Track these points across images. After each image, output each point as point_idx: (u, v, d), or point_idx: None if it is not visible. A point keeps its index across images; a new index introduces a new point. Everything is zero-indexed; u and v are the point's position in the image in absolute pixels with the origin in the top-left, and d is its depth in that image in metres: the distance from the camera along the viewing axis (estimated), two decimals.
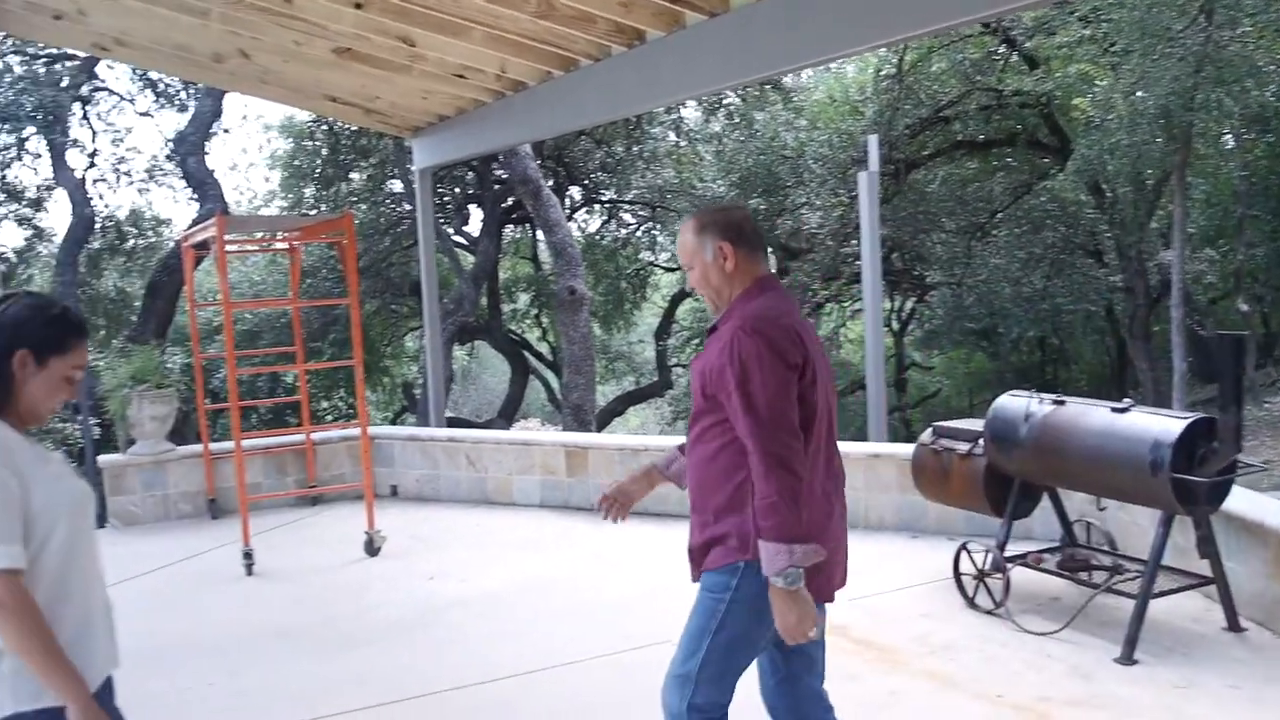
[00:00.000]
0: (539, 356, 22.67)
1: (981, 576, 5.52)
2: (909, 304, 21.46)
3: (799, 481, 2.69)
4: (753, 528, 2.75)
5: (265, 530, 7.85)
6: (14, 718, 2.29)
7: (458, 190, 18.85)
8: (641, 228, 21.60)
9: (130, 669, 2.76)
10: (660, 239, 21.66)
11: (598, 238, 21.60)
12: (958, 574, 5.67)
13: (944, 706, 4.36)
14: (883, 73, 16.74)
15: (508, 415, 20.07)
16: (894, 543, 6.85)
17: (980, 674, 4.66)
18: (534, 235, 21.41)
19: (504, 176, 17.51)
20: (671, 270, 22.52)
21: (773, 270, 3.04)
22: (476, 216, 19.61)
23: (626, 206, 21.03)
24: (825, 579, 2.91)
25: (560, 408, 20.21)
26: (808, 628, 2.72)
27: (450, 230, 18.35)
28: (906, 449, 7.11)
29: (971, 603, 5.52)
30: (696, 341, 19.68)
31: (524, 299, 23.13)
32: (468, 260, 18.71)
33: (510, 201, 18.62)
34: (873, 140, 8.46)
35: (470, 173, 18.42)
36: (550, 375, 22.85)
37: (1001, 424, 5.44)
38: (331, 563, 7.00)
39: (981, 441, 5.62)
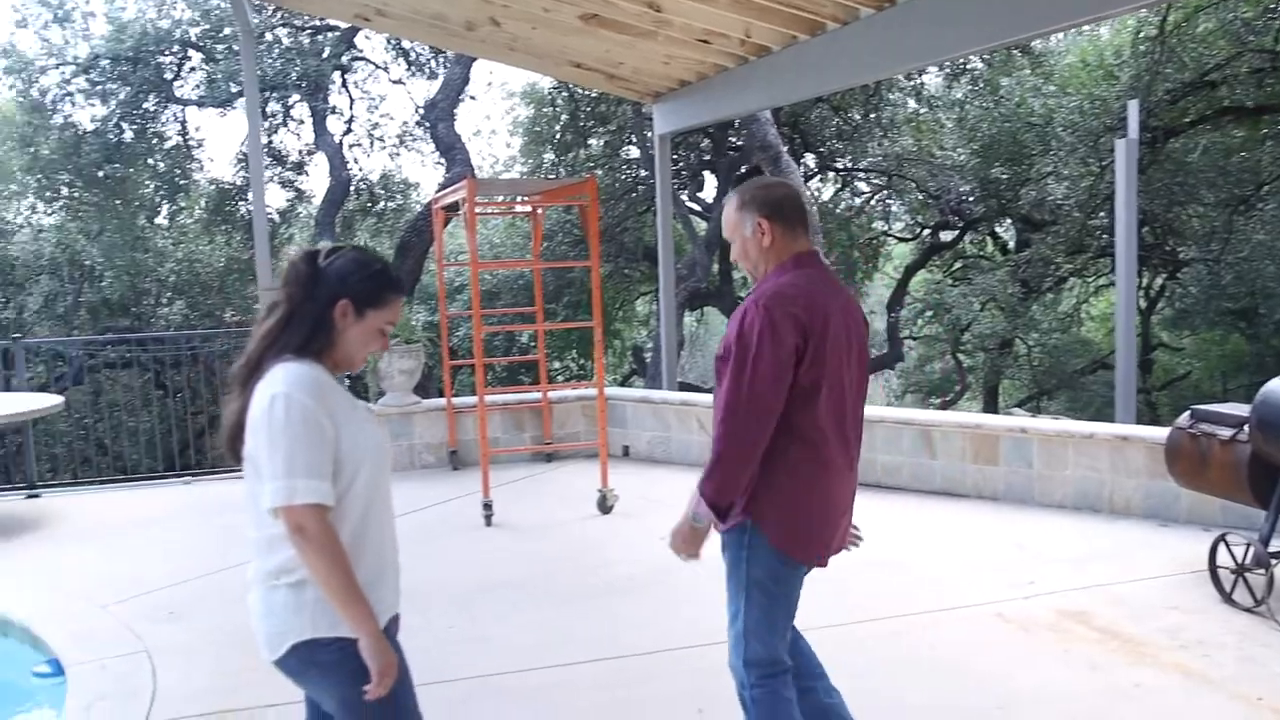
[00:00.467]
0: None
1: (1241, 571, 5.15)
2: (1159, 281, 20.17)
3: (745, 456, 2.92)
4: (755, 490, 3.01)
5: (503, 484, 8.15)
6: (310, 643, 2.45)
7: (693, 156, 18.93)
8: (876, 197, 21.13)
9: None
10: (895, 208, 21.14)
11: (831, 206, 21.27)
12: (1214, 567, 5.32)
13: (1196, 704, 4.10)
14: (1142, 34, 15.72)
15: None
16: (1140, 530, 6.49)
17: (1237, 673, 4.36)
18: None
19: (739, 143, 17.45)
20: (905, 240, 21.97)
21: (813, 247, 3.21)
22: (710, 183, 19.66)
23: (861, 175, 20.61)
24: (820, 542, 3.11)
25: None
26: (684, 549, 3.06)
27: (684, 196, 18.47)
28: (1157, 432, 6.71)
29: (1228, 598, 5.17)
30: (930, 314, 19.14)
31: None
32: (701, 227, 18.79)
33: (744, 169, 18.57)
34: (1133, 105, 7.96)
35: (705, 139, 18.46)
36: None
37: (1272, 410, 5.05)
38: (566, 518, 7.21)
39: (1246, 428, 5.23)
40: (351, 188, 17.85)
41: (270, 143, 18.08)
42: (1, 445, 12.66)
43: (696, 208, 19.38)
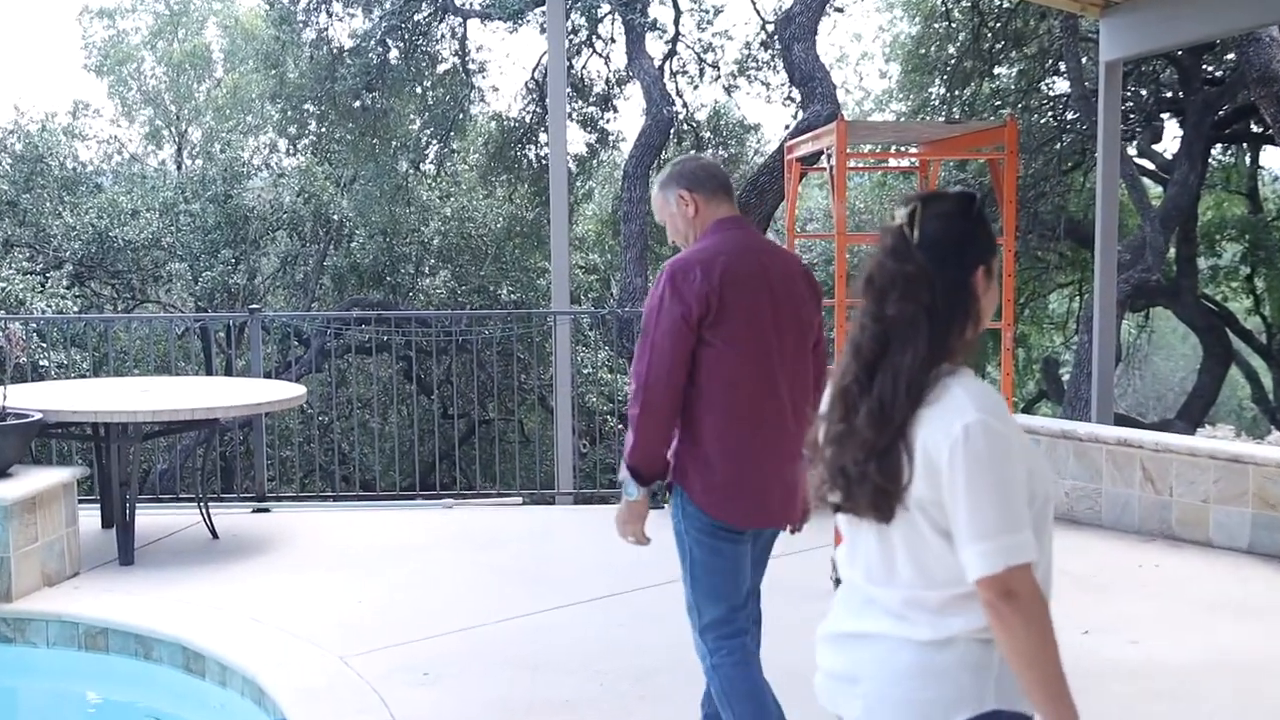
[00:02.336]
0: (1246, 337, 21.36)
1: None
2: None
3: (654, 418, 3.94)
4: (679, 454, 4.03)
5: None
6: (994, 715, 2.51)
7: (1147, 93, 18.18)
8: None
9: None
10: None
11: None
12: None
13: None
14: None
15: (1192, 416, 19.17)
16: None
17: None
18: (1255, 160, 20.15)
19: (1219, 74, 16.61)
20: None
21: (734, 213, 4.24)
22: (1171, 131, 18.83)
23: None
24: (751, 504, 4.04)
25: (1277, 413, 19.02)
26: (626, 530, 4.08)
27: (1132, 150, 17.77)
28: None
29: None
30: None
31: (1232, 252, 21.87)
32: (1155, 194, 18.03)
33: (1225, 110, 17.63)
34: None
35: (1170, 68, 17.68)
36: (1262, 365, 21.47)
37: None
38: None
39: None
40: (672, 130, 18.32)
41: (570, 68, 18.82)
42: (224, 442, 13.80)
43: (1149, 165, 18.61)
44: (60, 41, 61.84)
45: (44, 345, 14.34)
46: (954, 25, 18.49)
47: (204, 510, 8.35)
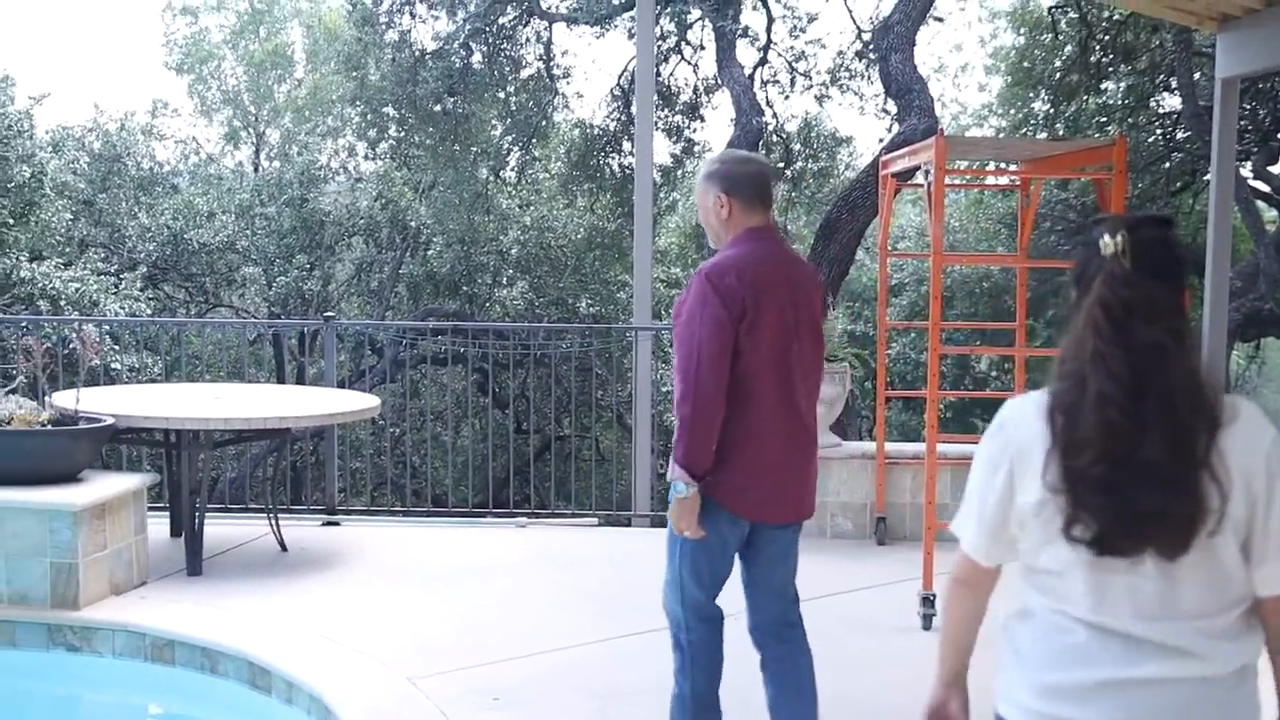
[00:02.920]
0: None
1: None
2: None
3: (705, 415, 4.24)
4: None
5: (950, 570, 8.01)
6: None
7: (1263, 113, 17.92)
8: None
9: None
10: None
11: None
12: None
13: None
14: None
15: None
16: None
17: None
18: None
19: None
20: None
21: (768, 222, 4.55)
22: None
23: None
24: (754, 497, 4.41)
25: None
26: (682, 526, 4.34)
27: (1247, 171, 17.51)
28: None
29: None
30: None
31: None
32: (1269, 218, 17.76)
33: None
34: None
35: None
36: None
37: None
38: None
39: None
40: (761, 141, 18.30)
41: (657, 75, 18.87)
42: (294, 452, 13.94)
43: (1264, 188, 18.33)
44: (142, 39, 62.91)
45: (116, 348, 14.55)
46: (1060, 37, 18.31)
47: (273, 522, 8.43)
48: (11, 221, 16.76)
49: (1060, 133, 18.16)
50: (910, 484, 8.94)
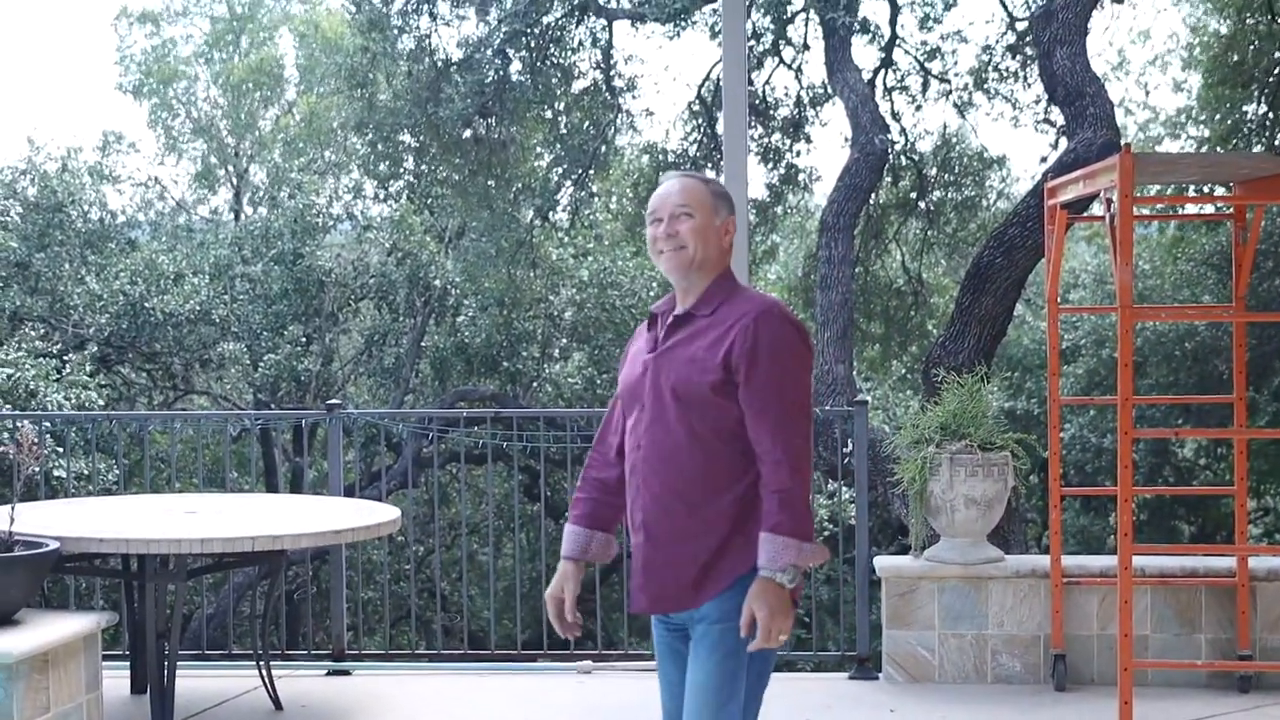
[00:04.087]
0: None
1: None
2: None
3: (809, 480, 4.51)
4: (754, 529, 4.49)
5: None
6: None
7: None
8: None
9: None
10: None
11: None
12: None
13: None
14: None
15: None
16: None
17: None
18: None
19: None
20: None
21: None
22: None
23: None
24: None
25: None
26: (779, 629, 4.41)
27: None
28: None
29: None
30: None
31: None
32: None
33: None
34: None
35: None
36: None
37: None
38: None
39: None
40: (886, 165, 18.22)
41: (750, 84, 18.89)
42: (290, 580, 13.92)
43: None
44: (90, 55, 63.95)
45: (60, 450, 14.63)
46: (1279, 18, 18.19)
47: (264, 672, 8.38)
48: None
49: (1277, 142, 18.01)
50: (1098, 610, 8.78)
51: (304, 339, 21.26)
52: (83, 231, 21.78)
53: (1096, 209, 10.12)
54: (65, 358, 18.65)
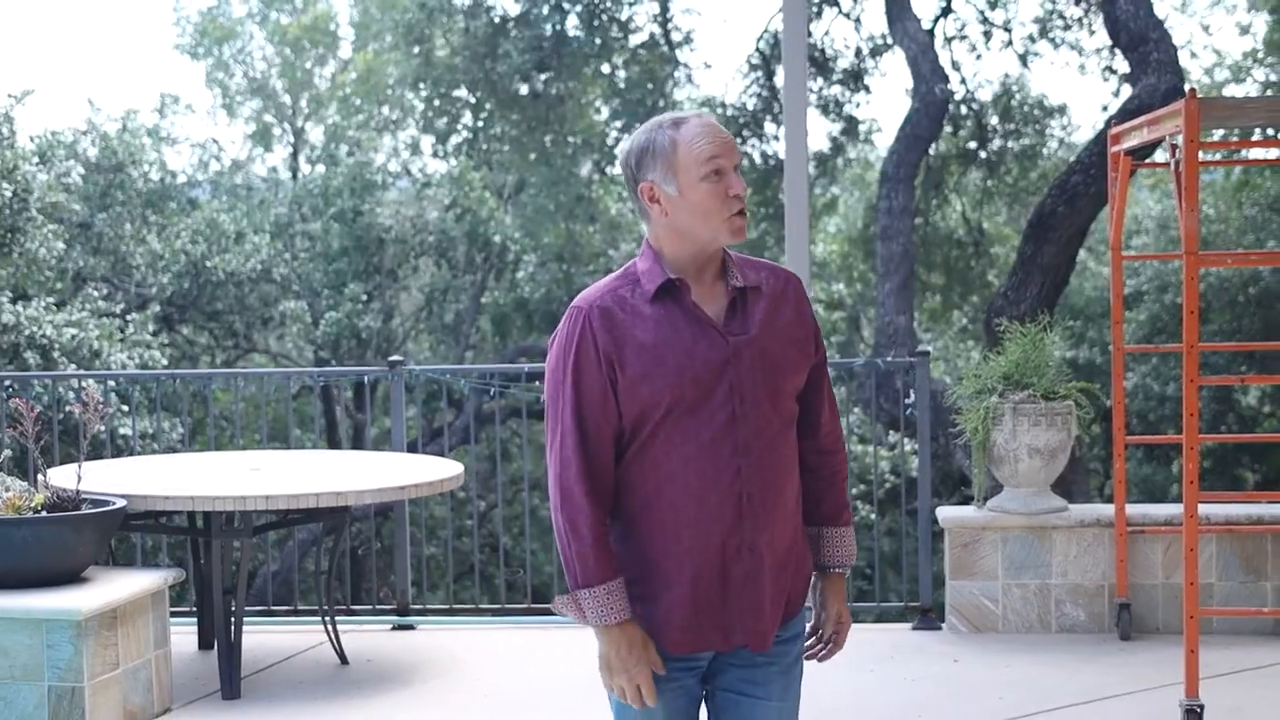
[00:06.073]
0: None
1: None
2: None
3: None
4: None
5: (1220, 674, 7.83)
6: None
7: None
8: None
9: None
10: None
11: None
12: None
13: None
14: None
15: None
16: None
17: None
18: None
19: None
20: None
21: None
22: None
23: None
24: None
25: None
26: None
27: None
28: None
29: None
30: None
31: None
32: None
33: None
34: None
35: None
36: None
37: None
38: None
39: None
40: (946, 115, 18.15)
41: (809, 35, 18.82)
42: (355, 537, 14.00)
43: None
44: (146, 18, 64.23)
45: (124, 409, 14.74)
46: None
47: (330, 627, 8.43)
48: None
49: None
50: (1163, 559, 8.76)
51: (364, 296, 21.30)
52: (143, 191, 21.84)
53: (1160, 155, 10.11)
54: (128, 317, 18.74)
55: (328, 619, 8.47)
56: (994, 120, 20.44)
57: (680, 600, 3.85)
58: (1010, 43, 19.53)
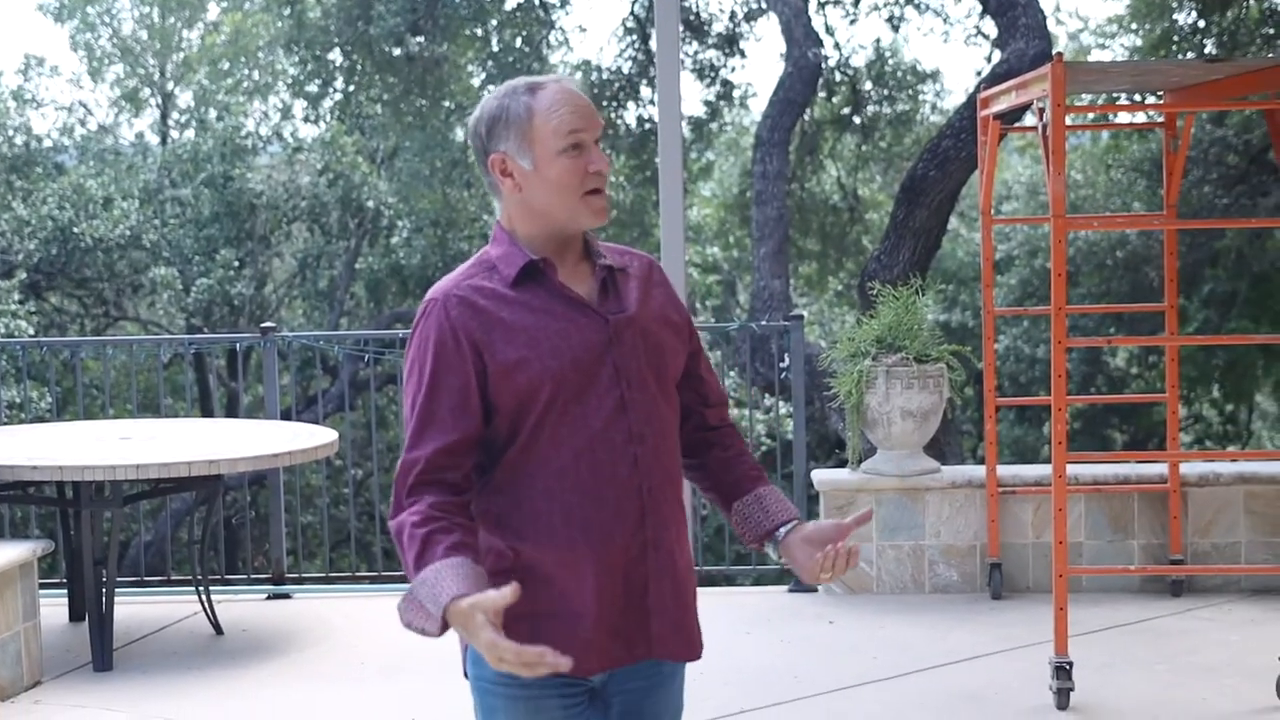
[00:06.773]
0: None
1: None
2: None
3: None
4: None
5: (1091, 632, 7.95)
6: None
7: None
8: None
9: None
10: None
11: None
12: None
13: None
14: None
15: None
16: None
17: None
18: None
19: None
20: None
21: None
22: None
23: None
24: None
25: None
26: None
27: None
28: None
29: None
30: None
31: None
32: None
33: None
34: None
35: None
36: None
37: None
38: (1220, 711, 6.92)
39: None
40: (820, 80, 18.24)
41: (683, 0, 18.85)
42: (229, 506, 13.91)
43: None
44: None
45: None
46: None
47: (204, 597, 8.39)
48: None
49: (1213, 51, 18.08)
50: (1033, 519, 8.88)
51: (236, 263, 21.13)
52: (8, 156, 21.59)
53: (1029, 120, 10.19)
54: None
55: (202, 589, 8.43)
56: (868, 86, 20.56)
57: (585, 615, 3.51)
58: (881, 7, 19.66)
